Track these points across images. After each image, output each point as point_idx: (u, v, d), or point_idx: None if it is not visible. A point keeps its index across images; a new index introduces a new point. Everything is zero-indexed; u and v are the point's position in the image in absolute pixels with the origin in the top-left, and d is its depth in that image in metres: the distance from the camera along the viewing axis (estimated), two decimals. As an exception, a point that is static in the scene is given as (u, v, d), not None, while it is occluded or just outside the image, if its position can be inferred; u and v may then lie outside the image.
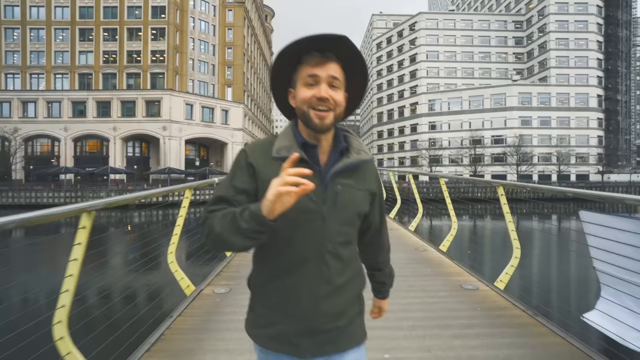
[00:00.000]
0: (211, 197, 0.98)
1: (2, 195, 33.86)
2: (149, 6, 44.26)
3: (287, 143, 0.96)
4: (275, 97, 1.06)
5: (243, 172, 0.97)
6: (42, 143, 43.60)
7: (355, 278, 1.04)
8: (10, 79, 43.71)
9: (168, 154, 42.20)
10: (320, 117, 0.92)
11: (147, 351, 2.15)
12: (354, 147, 1.01)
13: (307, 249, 0.94)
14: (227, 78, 50.39)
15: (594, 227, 2.07)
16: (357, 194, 0.99)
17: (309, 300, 0.95)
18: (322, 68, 0.92)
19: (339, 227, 0.96)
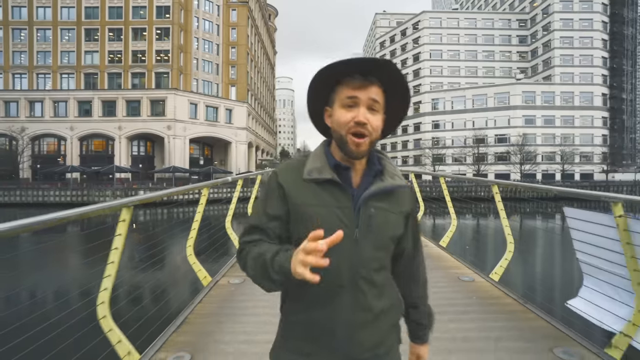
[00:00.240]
0: (245, 225, 0.99)
1: (10, 194, 34.33)
2: (153, 6, 44.62)
3: (319, 164, 0.95)
4: (311, 114, 1.05)
5: (274, 196, 0.96)
6: (48, 142, 44.11)
7: (393, 305, 1.00)
8: (18, 79, 44.26)
9: (173, 153, 42.58)
10: (356, 144, 0.90)
11: (174, 332, 2.40)
12: (389, 170, 0.99)
13: (341, 276, 0.91)
14: (231, 77, 50.72)
15: (576, 222, 2.28)
16: (391, 217, 0.96)
17: (346, 331, 0.91)
18: (363, 91, 0.90)
19: (373, 252, 0.93)
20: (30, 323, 2.69)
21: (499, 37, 61.96)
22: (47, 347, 2.44)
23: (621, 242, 1.93)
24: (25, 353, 2.24)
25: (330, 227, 0.84)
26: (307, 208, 0.91)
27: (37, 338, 2.39)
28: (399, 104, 0.98)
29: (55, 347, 2.35)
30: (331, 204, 0.91)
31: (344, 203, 0.91)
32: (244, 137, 49.10)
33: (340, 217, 0.90)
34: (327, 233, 0.83)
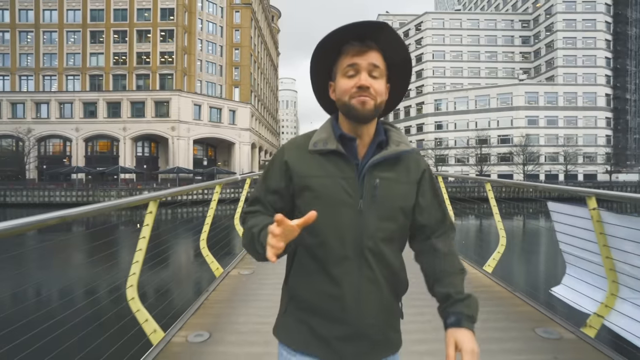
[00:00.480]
0: (250, 196, 1.04)
1: (16, 194, 34.78)
2: (158, 8, 45.01)
3: (324, 135, 0.95)
4: (316, 91, 1.05)
5: (276, 170, 0.98)
6: (54, 143, 44.58)
7: (400, 281, 0.99)
8: (24, 81, 44.78)
9: (177, 154, 42.94)
10: (361, 102, 0.89)
11: (192, 315, 2.67)
12: (394, 139, 0.97)
13: (346, 247, 0.90)
14: (235, 78, 51.05)
15: (558, 215, 2.49)
16: (398, 187, 0.94)
17: (354, 303, 0.90)
18: (362, 57, 0.90)
19: (378, 223, 0.91)
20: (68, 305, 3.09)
21: (502, 38, 62.01)
22: (83, 325, 2.70)
23: (595, 232, 2.14)
24: (64, 330, 2.51)
25: (334, 198, 0.89)
26: (311, 179, 0.92)
27: (74, 317, 2.64)
28: (401, 71, 0.98)
29: (90, 325, 2.62)
30: (335, 174, 0.92)
31: (348, 173, 0.91)
32: (248, 138, 49.43)
33: (344, 187, 0.91)
34: (331, 203, 0.88)
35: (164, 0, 44.97)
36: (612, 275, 2.11)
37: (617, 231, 2.00)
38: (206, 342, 2.31)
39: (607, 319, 2.08)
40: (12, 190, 35.19)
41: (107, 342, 2.72)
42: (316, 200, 0.90)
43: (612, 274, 2.11)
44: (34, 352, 2.35)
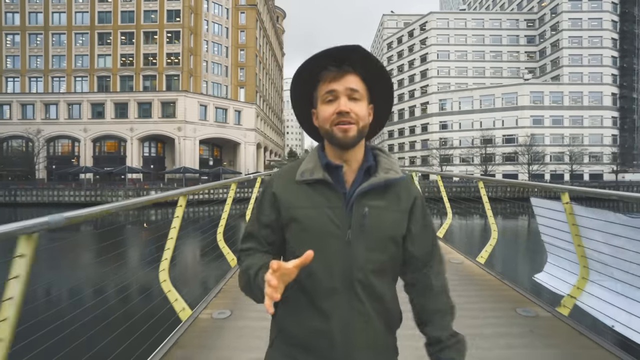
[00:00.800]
0: (244, 232, 1.03)
1: (26, 194, 35.43)
2: (164, 10, 45.57)
3: (311, 165, 0.93)
4: (300, 121, 1.03)
5: (266, 204, 0.97)
6: (63, 143, 45.31)
7: (393, 314, 0.95)
8: (34, 82, 45.56)
9: (183, 154, 43.47)
10: (343, 130, 0.88)
11: (215, 296, 3.01)
12: (383, 165, 0.94)
13: (334, 279, 0.87)
14: (240, 79, 51.51)
15: (540, 209, 2.76)
16: (388, 216, 0.91)
17: (343, 339, 0.87)
18: (339, 81, 0.89)
19: (367, 254, 0.88)
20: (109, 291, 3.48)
21: (507, 38, 61.86)
22: (121, 304, 3.03)
23: (568, 223, 2.41)
24: (106, 307, 2.87)
25: (321, 229, 0.87)
26: (298, 210, 0.90)
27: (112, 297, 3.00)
28: (383, 91, 0.97)
29: (129, 303, 3.01)
30: (322, 204, 0.89)
31: (335, 203, 0.89)
32: (253, 138, 49.87)
33: (331, 217, 0.88)
34: (318, 234, 0.87)
35: (170, 2, 45.54)
36: (583, 261, 2.39)
37: (587, 222, 2.27)
38: (228, 318, 2.63)
39: (579, 299, 2.35)
40: (23, 190, 35.83)
41: (143, 319, 3.05)
42: (303, 232, 0.89)
43: (583, 260, 2.39)
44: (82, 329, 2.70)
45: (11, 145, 44.42)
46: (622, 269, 2.04)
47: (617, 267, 2.08)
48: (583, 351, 2.04)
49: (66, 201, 34.83)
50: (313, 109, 0.97)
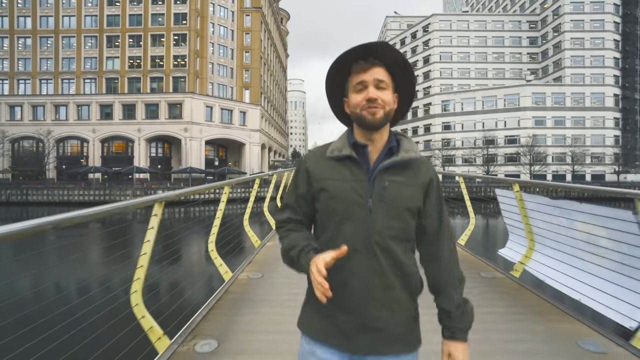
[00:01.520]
0: (282, 202, 1.14)
1: (37, 193, 36.31)
2: (171, 13, 46.52)
3: (340, 144, 1.06)
4: (333, 108, 1.16)
5: (301, 178, 1.10)
6: (72, 144, 46.41)
7: (411, 279, 1.03)
8: (44, 84, 46.68)
9: (189, 154, 44.34)
10: (371, 112, 0.99)
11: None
12: (404, 147, 1.06)
13: (356, 241, 0.98)
14: (245, 81, 52.34)
15: (502, 197, 3.48)
16: (406, 190, 1.02)
17: (361, 293, 0.98)
18: (368, 73, 1.01)
19: (386, 221, 0.99)
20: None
21: (509, 39, 62.33)
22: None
23: (519, 207, 3.13)
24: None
25: (347, 198, 0.99)
26: (327, 182, 1.03)
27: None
28: (406, 80, 1.09)
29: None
30: (348, 177, 1.02)
31: (360, 177, 1.01)
32: (258, 138, 50.69)
33: (356, 189, 1.01)
34: (344, 202, 1.00)
35: (177, 6, 46.46)
36: (530, 236, 3.11)
37: (531, 205, 2.98)
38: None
39: (527, 265, 3.07)
40: (34, 189, 36.72)
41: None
42: (331, 200, 1.02)
43: (530, 235, 3.11)
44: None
45: (22, 146, 45.55)
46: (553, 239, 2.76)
47: (549, 238, 2.80)
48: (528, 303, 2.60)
49: (76, 200, 35.67)
50: (345, 97, 1.11)
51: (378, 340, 0.98)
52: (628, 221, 2.07)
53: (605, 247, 2.27)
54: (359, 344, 0.98)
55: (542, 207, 2.83)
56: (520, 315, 2.54)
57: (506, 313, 2.60)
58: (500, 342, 2.22)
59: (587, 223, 2.38)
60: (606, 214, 2.23)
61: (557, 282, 2.62)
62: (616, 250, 2.19)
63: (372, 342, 0.98)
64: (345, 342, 0.99)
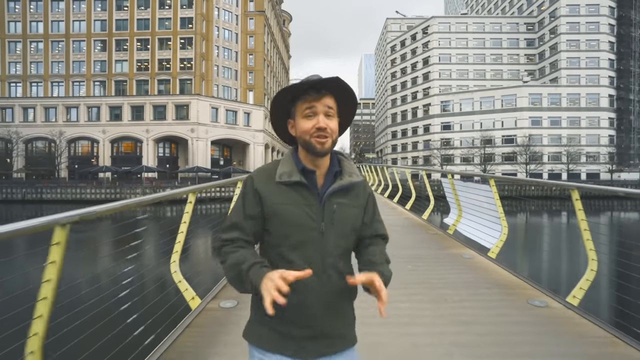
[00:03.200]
0: (225, 222, 1.14)
1: (51, 192, 37.90)
2: (177, 18, 48.10)
3: (288, 169, 1.10)
4: (275, 127, 1.21)
5: (250, 198, 1.11)
6: (83, 144, 48.01)
7: (352, 288, 1.13)
8: (56, 87, 48.49)
9: (196, 154, 45.80)
10: (321, 143, 1.06)
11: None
12: (346, 170, 1.15)
13: (311, 262, 1.05)
14: (249, 82, 53.87)
15: (445, 184, 5.07)
16: (351, 211, 1.12)
17: (315, 309, 1.06)
18: (319, 101, 1.07)
19: (335, 241, 1.09)
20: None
21: (507, 41, 63.64)
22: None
23: (452, 190, 4.71)
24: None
25: (301, 223, 1.06)
26: (280, 207, 1.07)
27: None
28: (349, 108, 1.17)
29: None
30: (300, 202, 1.07)
31: (311, 201, 1.08)
32: (261, 138, 52.20)
33: (308, 213, 1.07)
34: (298, 227, 1.06)
35: (183, 10, 48.07)
36: (459, 208, 4.69)
37: (459, 187, 4.56)
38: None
39: (457, 226, 4.65)
40: (47, 188, 38.33)
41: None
42: (285, 225, 1.07)
43: (459, 208, 4.69)
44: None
45: (36, 146, 47.31)
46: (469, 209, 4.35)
47: (469, 208, 4.38)
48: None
49: (88, 198, 37.15)
50: (290, 119, 1.16)
51: (327, 344, 1.09)
52: (488, 189, 3.66)
53: (483, 206, 3.85)
54: (311, 349, 1.07)
55: (462, 187, 4.39)
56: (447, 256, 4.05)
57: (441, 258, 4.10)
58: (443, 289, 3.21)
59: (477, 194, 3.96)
60: (483, 187, 3.80)
61: (467, 232, 4.21)
62: (485, 207, 3.77)
63: (322, 346, 1.08)
64: (299, 351, 1.07)
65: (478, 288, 3.16)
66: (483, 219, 4.01)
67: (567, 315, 2.59)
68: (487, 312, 2.68)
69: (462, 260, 4.03)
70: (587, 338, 2.29)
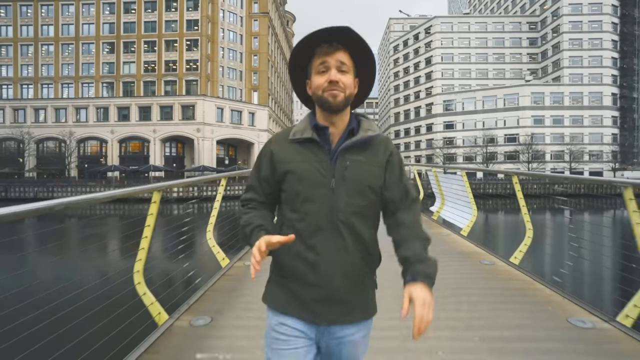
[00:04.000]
0: (246, 184, 1.20)
1: (62, 190, 38.82)
2: (184, 20, 48.87)
3: (302, 126, 1.11)
4: (296, 90, 1.21)
5: (265, 160, 1.14)
6: (92, 144, 49.09)
7: (372, 253, 1.10)
8: (66, 89, 49.58)
9: (201, 154, 46.65)
10: (332, 95, 1.04)
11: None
12: (363, 127, 1.11)
13: (321, 219, 1.04)
14: (254, 83, 54.56)
15: (430, 177, 5.81)
16: (367, 169, 1.07)
17: (326, 268, 1.04)
18: (330, 56, 1.05)
19: (347, 198, 1.04)
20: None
21: (510, 40, 63.80)
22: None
23: (435, 181, 5.45)
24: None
25: (310, 178, 1.06)
26: (291, 164, 1.08)
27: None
28: (367, 66, 1.14)
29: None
30: (311, 159, 1.07)
31: (322, 157, 1.07)
32: (266, 138, 52.61)
33: (318, 169, 1.06)
34: (308, 183, 1.06)
35: (189, 12, 48.83)
36: (443, 197, 5.43)
37: (442, 179, 5.30)
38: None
39: (440, 213, 5.38)
40: (58, 187, 39.35)
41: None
42: (297, 181, 1.07)
43: (442, 197, 5.43)
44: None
45: (47, 146, 48.49)
46: (450, 197, 5.10)
47: (450, 197, 5.13)
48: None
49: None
50: (307, 79, 1.14)
51: (341, 311, 1.06)
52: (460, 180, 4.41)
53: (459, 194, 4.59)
54: (323, 315, 1.05)
55: (443, 179, 5.12)
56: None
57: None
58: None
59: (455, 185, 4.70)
60: (456, 178, 4.53)
61: (447, 217, 4.96)
62: (461, 195, 4.51)
63: (335, 313, 1.06)
64: (310, 315, 1.06)
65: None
66: (460, 205, 4.74)
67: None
68: (444, 275, 2.85)
69: (439, 237, 4.62)
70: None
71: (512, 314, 2.50)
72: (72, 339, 2.50)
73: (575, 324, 2.36)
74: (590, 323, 2.37)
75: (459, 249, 4.19)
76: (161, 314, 2.62)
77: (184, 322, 2.49)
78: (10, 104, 48.71)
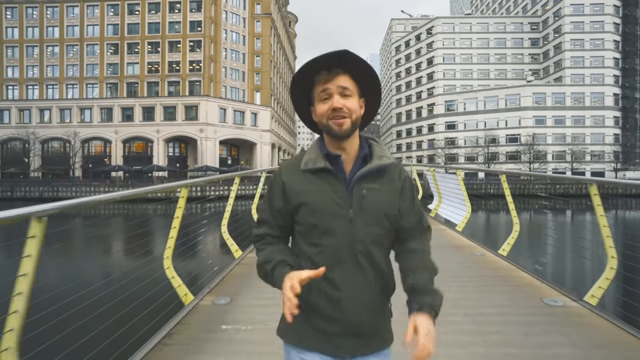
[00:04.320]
0: (258, 217, 1.16)
1: (67, 190, 39.33)
2: (187, 21, 49.35)
3: (313, 156, 1.06)
4: (301, 116, 1.17)
5: (277, 191, 1.10)
6: (96, 144, 49.64)
7: (388, 281, 1.08)
8: (71, 89, 50.13)
9: (204, 154, 47.04)
10: (338, 124, 1.01)
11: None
12: (376, 153, 1.07)
13: (341, 251, 1.01)
14: (256, 83, 54.91)
15: (428, 176, 6.12)
16: (383, 197, 1.04)
17: (348, 302, 1.00)
18: (331, 82, 1.02)
19: (366, 228, 1.01)
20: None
21: (511, 40, 63.92)
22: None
23: (433, 180, 5.76)
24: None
25: (328, 210, 1.01)
26: (306, 195, 1.04)
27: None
28: (371, 84, 1.10)
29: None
30: (326, 189, 1.03)
31: (338, 187, 1.03)
32: (268, 138, 53.34)
33: (335, 200, 1.02)
34: (325, 215, 1.02)
35: (192, 14, 49.32)
36: (440, 196, 5.74)
37: (439, 178, 5.62)
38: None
39: (438, 210, 5.70)
40: (63, 186, 39.83)
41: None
42: (312, 214, 1.03)
43: (440, 195, 5.75)
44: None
45: (52, 146, 49.01)
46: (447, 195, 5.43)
47: (447, 195, 5.46)
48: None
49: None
50: (311, 106, 1.12)
51: (361, 342, 1.03)
52: (456, 179, 4.73)
53: (455, 192, 4.91)
54: (346, 348, 1.02)
55: (440, 178, 5.44)
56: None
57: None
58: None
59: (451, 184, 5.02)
60: (452, 177, 4.86)
61: (444, 214, 5.28)
62: (457, 193, 4.83)
63: (356, 344, 1.03)
64: (334, 349, 1.02)
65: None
66: (456, 203, 5.05)
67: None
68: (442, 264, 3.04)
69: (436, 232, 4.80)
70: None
71: (495, 296, 2.83)
72: (114, 315, 2.88)
73: (549, 303, 2.69)
74: (561, 302, 2.71)
75: (453, 242, 4.51)
76: (187, 294, 2.94)
77: (208, 302, 2.82)
78: (16, 105, 49.32)
